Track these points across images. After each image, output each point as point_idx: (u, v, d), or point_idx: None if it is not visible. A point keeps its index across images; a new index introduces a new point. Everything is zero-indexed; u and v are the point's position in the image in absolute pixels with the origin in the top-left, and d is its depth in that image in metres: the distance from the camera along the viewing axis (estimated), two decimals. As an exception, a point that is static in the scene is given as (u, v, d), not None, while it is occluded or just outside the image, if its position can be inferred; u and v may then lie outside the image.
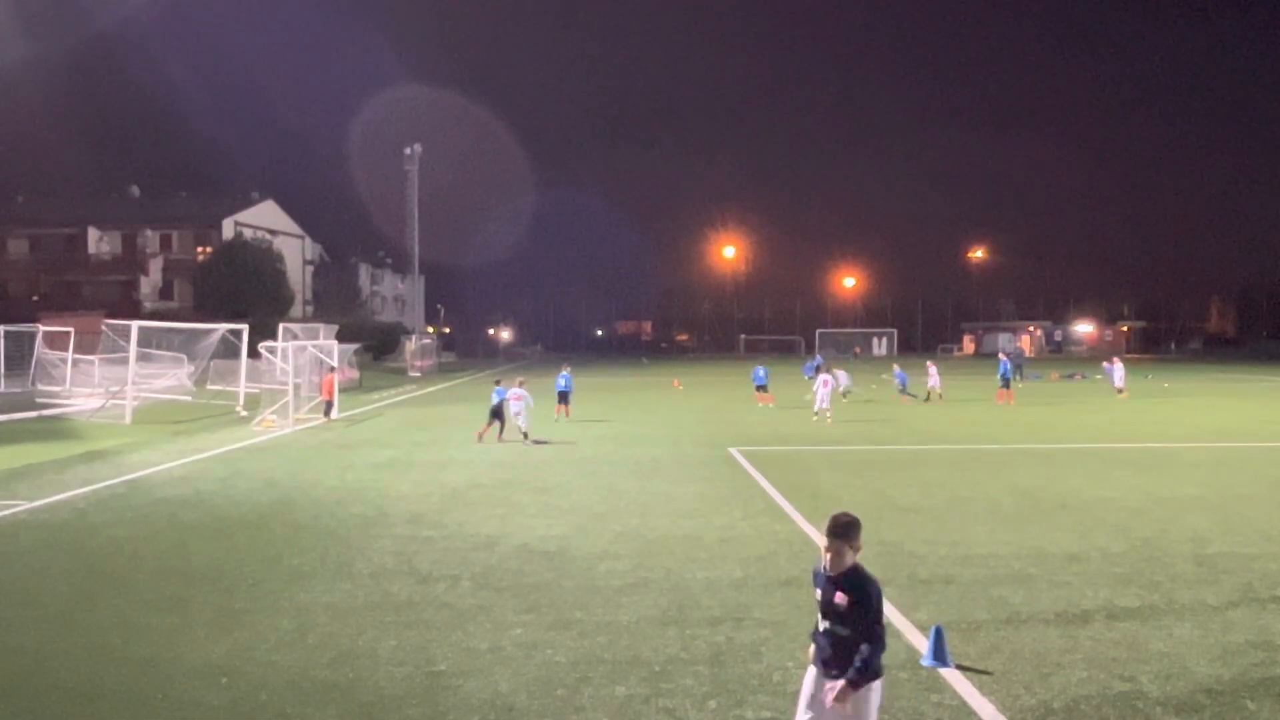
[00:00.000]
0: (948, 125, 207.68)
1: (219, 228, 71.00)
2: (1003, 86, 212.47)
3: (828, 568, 4.88)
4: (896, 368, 35.73)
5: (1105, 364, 37.44)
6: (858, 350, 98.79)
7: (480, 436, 21.01)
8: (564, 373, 27.77)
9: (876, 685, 4.82)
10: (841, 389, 31.39)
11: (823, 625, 4.90)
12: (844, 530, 4.87)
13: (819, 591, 4.94)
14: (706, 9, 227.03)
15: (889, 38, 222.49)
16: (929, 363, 36.96)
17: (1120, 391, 34.95)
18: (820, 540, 11.08)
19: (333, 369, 28.52)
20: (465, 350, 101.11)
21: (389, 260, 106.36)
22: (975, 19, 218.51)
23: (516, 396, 21.03)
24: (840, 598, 4.77)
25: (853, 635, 4.74)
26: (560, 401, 26.66)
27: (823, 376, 27.12)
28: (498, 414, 21.16)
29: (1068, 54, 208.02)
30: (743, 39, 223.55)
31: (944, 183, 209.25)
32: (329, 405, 26.75)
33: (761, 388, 31.32)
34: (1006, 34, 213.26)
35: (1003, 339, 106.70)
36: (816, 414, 26.03)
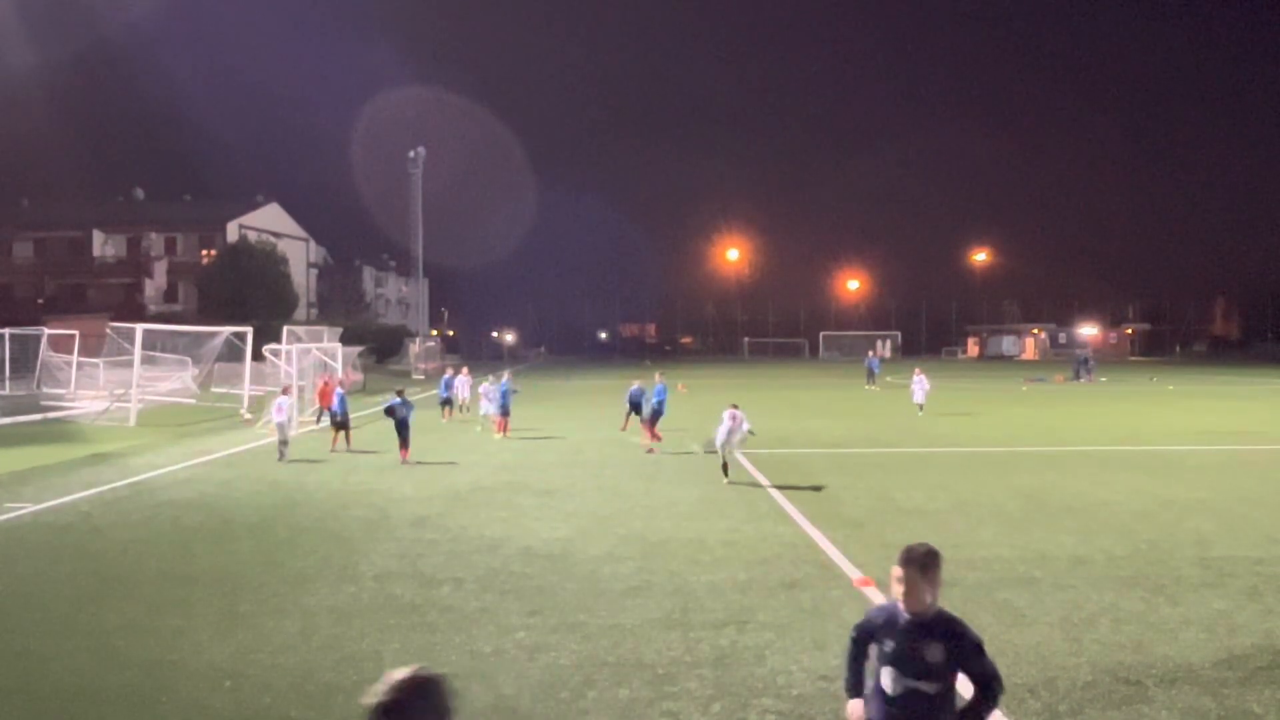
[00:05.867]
0: (952, 127, 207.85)
1: (223, 231, 71.12)
2: (1007, 88, 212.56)
3: (904, 609, 4.04)
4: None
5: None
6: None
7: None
8: (504, 380, 23.91)
9: None
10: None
11: (897, 685, 4.01)
12: (923, 560, 4.01)
13: (889, 643, 4.07)
14: (711, 10, 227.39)
15: (892, 37, 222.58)
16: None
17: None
18: (827, 546, 11.08)
19: (327, 381, 25.47)
20: (469, 353, 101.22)
21: (393, 263, 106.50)
22: (980, 21, 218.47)
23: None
24: (935, 648, 3.94)
25: (940, 691, 3.97)
26: (500, 414, 22.85)
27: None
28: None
29: (1072, 55, 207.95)
30: (747, 41, 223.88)
31: (949, 185, 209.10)
32: (328, 414, 24.75)
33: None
34: (1010, 35, 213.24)
35: (1006, 341, 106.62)
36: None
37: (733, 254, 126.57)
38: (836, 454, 19.78)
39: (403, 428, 18.43)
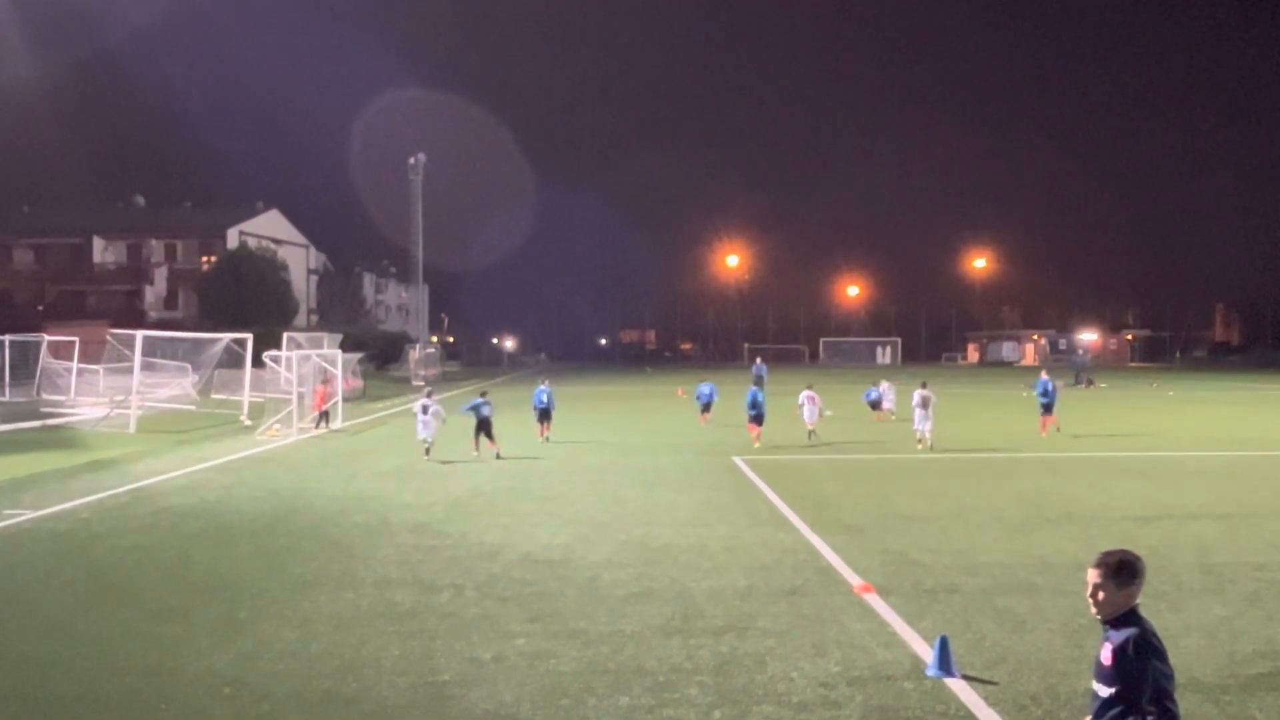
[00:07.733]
0: (952, 133, 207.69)
1: (223, 237, 71.18)
2: (1007, 94, 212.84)
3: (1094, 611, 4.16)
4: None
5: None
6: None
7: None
8: (542, 386, 23.86)
9: None
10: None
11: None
12: (1114, 567, 4.12)
13: None
14: (712, 16, 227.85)
15: (892, 44, 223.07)
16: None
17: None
18: (828, 552, 11.08)
19: (324, 381, 27.52)
20: (469, 359, 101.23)
21: (393, 269, 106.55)
22: (981, 26, 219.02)
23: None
24: (1104, 649, 4.06)
25: (1113, 698, 3.98)
26: (541, 420, 23.22)
27: (806, 394, 23.74)
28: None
29: (1072, 60, 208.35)
30: (747, 46, 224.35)
31: (948, 191, 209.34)
32: (323, 416, 26.73)
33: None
34: (1009, 40, 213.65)
35: (1006, 347, 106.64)
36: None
37: (732, 260, 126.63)
38: (837, 460, 19.77)
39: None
